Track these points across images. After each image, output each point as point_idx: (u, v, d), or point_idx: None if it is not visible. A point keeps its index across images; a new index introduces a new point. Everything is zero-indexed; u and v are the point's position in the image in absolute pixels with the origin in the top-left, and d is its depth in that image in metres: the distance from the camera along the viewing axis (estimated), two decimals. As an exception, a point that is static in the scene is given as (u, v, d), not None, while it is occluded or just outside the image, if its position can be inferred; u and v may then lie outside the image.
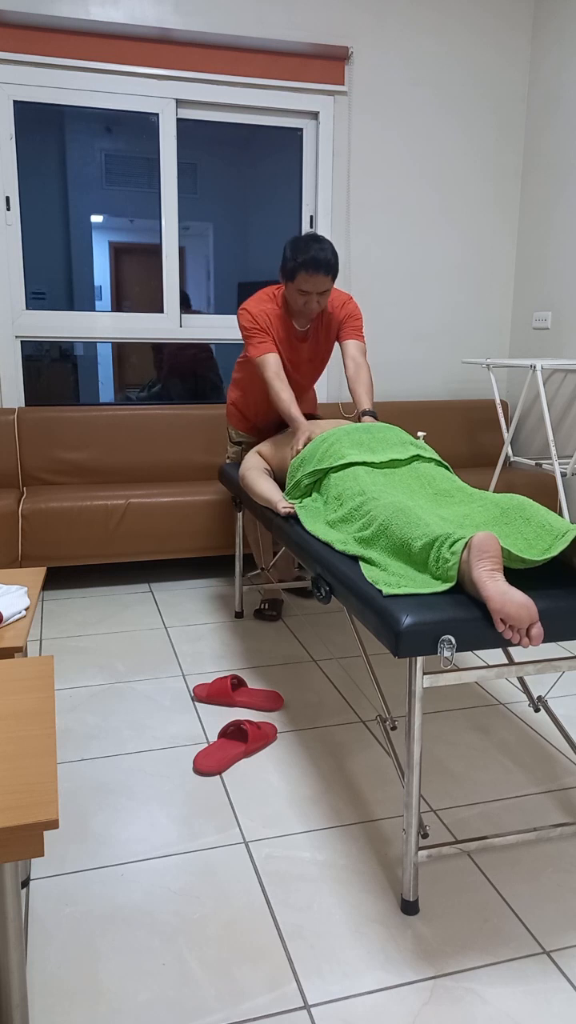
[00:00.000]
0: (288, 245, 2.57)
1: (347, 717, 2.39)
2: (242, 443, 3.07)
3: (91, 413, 3.75)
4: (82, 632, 3.03)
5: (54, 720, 1.22)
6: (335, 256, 2.56)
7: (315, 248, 2.51)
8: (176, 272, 3.89)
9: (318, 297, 2.60)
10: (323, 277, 2.54)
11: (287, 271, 2.58)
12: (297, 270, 2.54)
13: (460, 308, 4.30)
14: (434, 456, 2.25)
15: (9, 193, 3.60)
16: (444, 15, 3.92)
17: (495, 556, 1.49)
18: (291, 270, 2.56)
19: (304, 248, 2.52)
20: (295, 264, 2.53)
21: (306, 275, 2.53)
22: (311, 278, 2.54)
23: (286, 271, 2.58)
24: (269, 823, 1.87)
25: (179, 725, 2.33)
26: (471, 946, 1.50)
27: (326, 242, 2.55)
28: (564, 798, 1.98)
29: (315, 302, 2.62)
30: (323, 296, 2.61)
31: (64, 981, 1.42)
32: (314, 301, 2.61)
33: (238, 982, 1.42)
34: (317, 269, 2.52)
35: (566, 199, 3.88)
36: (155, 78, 3.64)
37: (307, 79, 3.79)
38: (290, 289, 2.62)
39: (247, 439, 3.05)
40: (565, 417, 3.95)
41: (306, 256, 2.51)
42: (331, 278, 2.57)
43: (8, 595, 1.72)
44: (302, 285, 2.56)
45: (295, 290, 2.60)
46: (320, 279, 2.54)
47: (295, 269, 2.54)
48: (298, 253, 2.53)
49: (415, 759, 1.52)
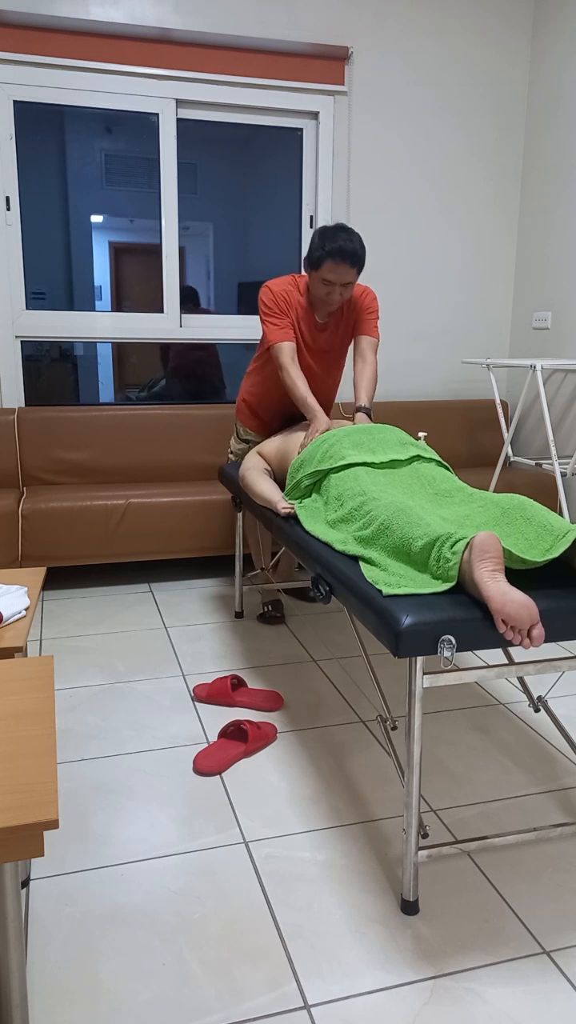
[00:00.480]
0: (316, 233, 2.56)
1: (347, 717, 2.39)
2: (249, 441, 3.05)
3: (91, 413, 3.75)
4: (82, 632, 3.03)
5: (54, 720, 1.22)
6: (363, 248, 2.55)
7: (343, 238, 2.50)
8: (176, 272, 3.89)
9: (341, 288, 2.59)
10: (349, 268, 2.53)
11: (313, 259, 2.56)
12: (324, 259, 2.52)
13: (460, 308, 4.30)
14: (434, 456, 2.25)
15: (9, 193, 3.60)
16: (444, 15, 3.92)
17: (496, 556, 1.49)
18: (317, 258, 2.54)
19: (332, 237, 2.51)
20: (322, 253, 2.52)
21: (332, 264, 2.52)
22: (336, 267, 2.52)
23: (312, 259, 2.57)
24: (269, 823, 1.87)
25: (179, 725, 2.33)
26: (471, 946, 1.50)
27: (355, 233, 2.54)
28: (564, 798, 1.98)
29: (338, 293, 2.60)
30: (347, 288, 2.59)
31: (64, 981, 1.42)
32: (337, 292, 2.59)
33: (238, 982, 1.42)
34: (344, 259, 2.50)
35: (566, 199, 3.88)
36: (155, 78, 3.64)
37: (307, 79, 3.79)
38: (314, 278, 2.60)
39: (255, 437, 3.03)
40: (565, 417, 3.95)
41: (334, 245, 2.50)
42: (356, 270, 2.56)
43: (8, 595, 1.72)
44: (327, 274, 2.54)
45: (319, 279, 2.58)
46: (345, 270, 2.53)
47: (322, 258, 2.53)
48: (326, 242, 2.51)
49: (415, 759, 1.52)
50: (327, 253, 2.51)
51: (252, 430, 3.03)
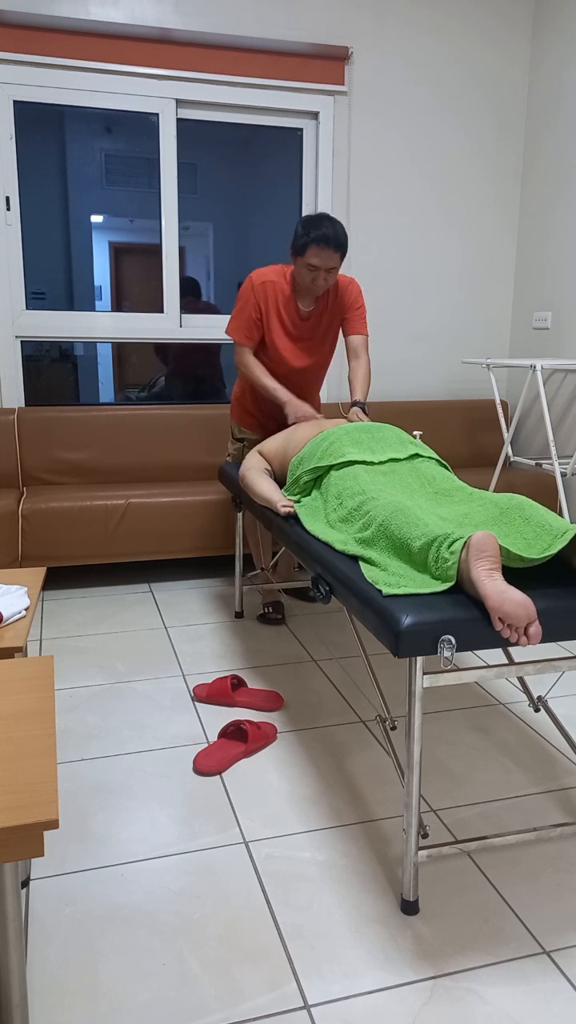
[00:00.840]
0: (300, 221, 2.64)
1: (347, 717, 2.39)
2: (244, 440, 3.07)
3: (91, 413, 3.75)
4: (82, 632, 3.03)
5: (54, 720, 1.22)
6: (344, 235, 2.62)
7: (326, 224, 2.59)
8: (176, 272, 3.89)
9: (325, 273, 2.65)
10: (332, 252, 2.60)
11: (298, 246, 2.63)
12: (308, 244, 2.59)
13: (460, 308, 4.30)
14: (433, 455, 2.25)
15: (9, 193, 3.60)
16: (444, 15, 3.92)
17: (493, 555, 1.49)
18: (302, 245, 2.61)
19: (316, 224, 2.59)
20: (307, 239, 2.59)
21: (316, 248, 2.59)
22: (321, 251, 2.59)
23: (297, 246, 2.64)
24: (269, 823, 1.87)
25: (179, 725, 2.33)
26: (471, 946, 1.50)
27: (337, 222, 2.62)
28: (564, 798, 1.98)
29: (322, 278, 2.66)
30: (331, 273, 2.66)
31: (64, 981, 1.42)
32: (321, 277, 2.66)
33: (238, 982, 1.42)
34: (327, 243, 2.58)
35: (566, 199, 3.88)
36: (155, 78, 3.64)
37: (307, 79, 3.79)
38: (299, 264, 2.67)
39: (249, 436, 3.05)
40: (565, 417, 3.95)
41: (317, 232, 2.57)
42: (340, 256, 2.63)
43: (8, 595, 1.72)
44: (311, 259, 2.61)
45: (304, 265, 2.64)
46: (329, 254, 2.59)
47: (306, 244, 2.60)
48: (310, 228, 2.59)
49: (415, 759, 1.52)
50: (311, 239, 2.59)
51: (246, 428, 3.04)
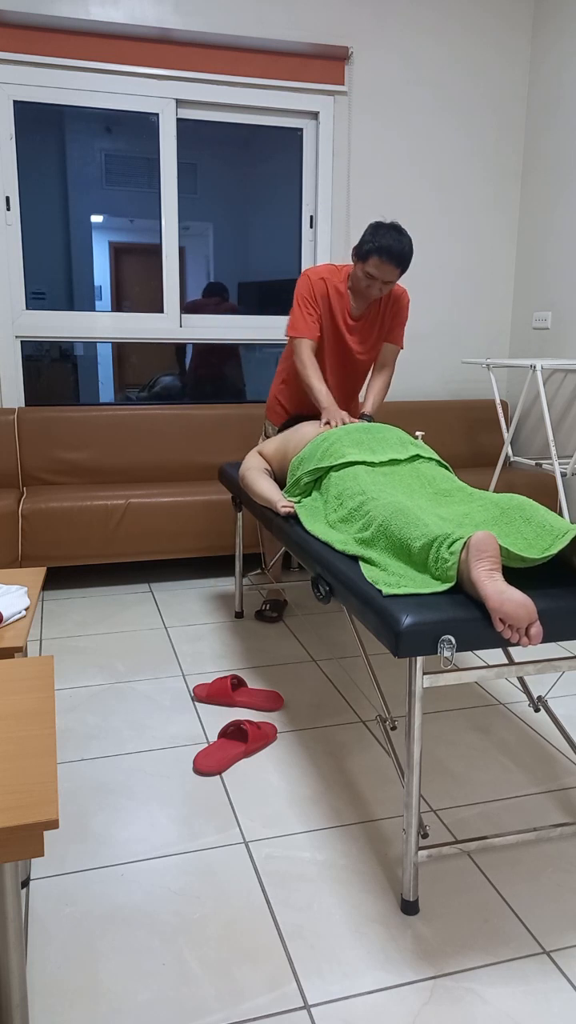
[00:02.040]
0: (370, 226, 2.62)
1: (347, 717, 2.39)
2: None
3: (91, 413, 3.75)
4: (82, 632, 3.03)
5: (54, 720, 1.22)
6: (410, 249, 2.60)
7: (394, 237, 2.56)
8: (176, 272, 3.89)
9: (382, 284, 2.64)
10: (394, 268, 2.58)
11: (362, 252, 2.61)
12: (371, 253, 2.58)
13: (460, 308, 4.30)
14: (433, 456, 2.25)
15: (9, 193, 3.60)
16: (444, 15, 3.92)
17: (493, 556, 1.49)
18: (366, 251, 2.59)
19: (383, 234, 2.57)
20: (372, 247, 2.57)
21: (378, 260, 2.57)
22: (382, 265, 2.58)
23: (361, 251, 2.62)
24: (269, 823, 1.87)
25: (179, 725, 2.33)
26: (471, 946, 1.50)
27: (406, 234, 2.59)
28: (564, 798, 1.98)
29: (378, 288, 2.65)
30: (387, 285, 2.65)
31: (64, 981, 1.42)
32: (377, 287, 2.65)
33: (238, 982, 1.42)
34: (391, 258, 2.56)
35: (566, 199, 3.88)
36: (155, 78, 3.64)
37: (307, 79, 3.79)
38: (358, 268, 2.66)
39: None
40: (565, 417, 3.95)
41: (383, 242, 2.55)
42: (401, 271, 2.61)
43: (8, 595, 1.72)
44: (371, 269, 2.60)
45: (363, 271, 2.63)
46: (390, 269, 2.58)
47: (370, 251, 2.58)
48: (377, 237, 2.57)
49: (415, 759, 1.52)
50: (375, 248, 2.57)
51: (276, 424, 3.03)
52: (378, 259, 2.57)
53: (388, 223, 2.60)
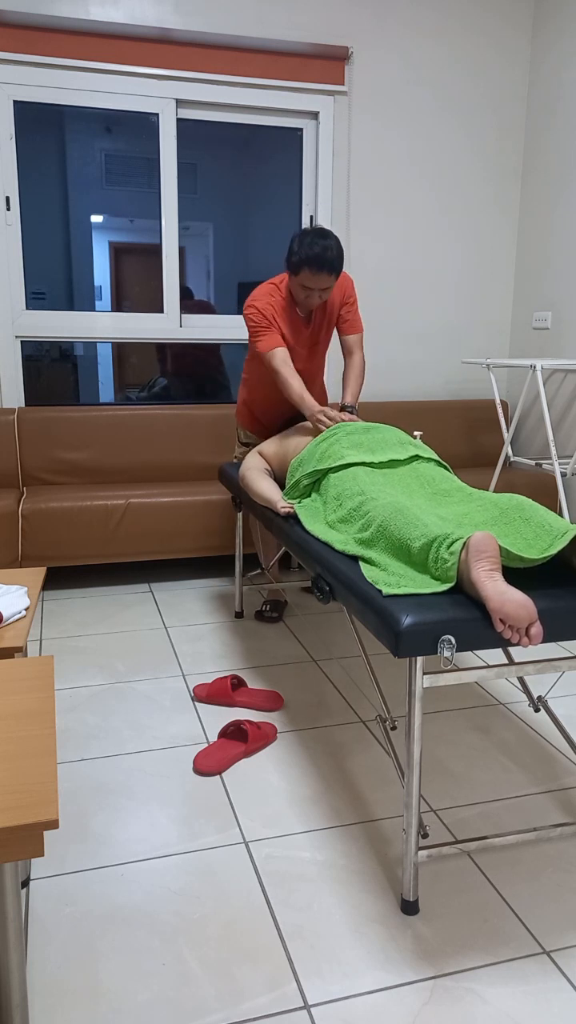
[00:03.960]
0: (295, 238, 2.58)
1: (347, 717, 2.39)
2: (250, 444, 3.06)
3: (91, 413, 3.75)
4: (82, 632, 3.03)
5: (54, 720, 1.22)
6: (340, 255, 2.56)
7: (320, 246, 2.52)
8: (176, 272, 3.89)
9: (320, 292, 2.63)
10: (327, 275, 2.56)
11: (292, 264, 2.59)
12: (301, 266, 2.55)
13: (460, 308, 4.30)
14: (433, 456, 2.25)
15: (9, 193, 3.60)
16: (444, 15, 3.92)
17: (493, 556, 1.49)
18: (296, 264, 2.57)
19: (309, 245, 2.53)
20: (300, 259, 2.55)
21: (309, 273, 2.55)
22: (314, 276, 2.56)
23: (291, 264, 2.60)
24: (269, 823, 1.87)
25: (179, 725, 2.33)
26: (471, 946, 1.50)
27: (332, 239, 2.55)
28: (564, 798, 1.98)
29: (317, 297, 2.64)
30: (325, 292, 2.63)
31: (64, 981, 1.42)
32: (316, 296, 2.64)
33: (238, 982, 1.42)
34: (320, 268, 2.53)
35: (566, 199, 3.88)
36: (155, 78, 3.64)
37: (307, 79, 3.78)
38: (293, 282, 2.64)
39: (256, 440, 3.04)
40: (565, 417, 3.95)
41: (311, 252, 2.52)
42: (334, 276, 2.58)
43: (8, 595, 1.72)
44: (305, 282, 2.58)
45: (298, 284, 2.62)
46: (323, 277, 2.56)
47: (299, 264, 2.55)
48: (303, 248, 2.54)
49: (415, 759, 1.52)
50: (304, 261, 2.53)
51: (253, 433, 3.04)
52: (309, 271, 2.54)
53: (312, 229, 2.56)
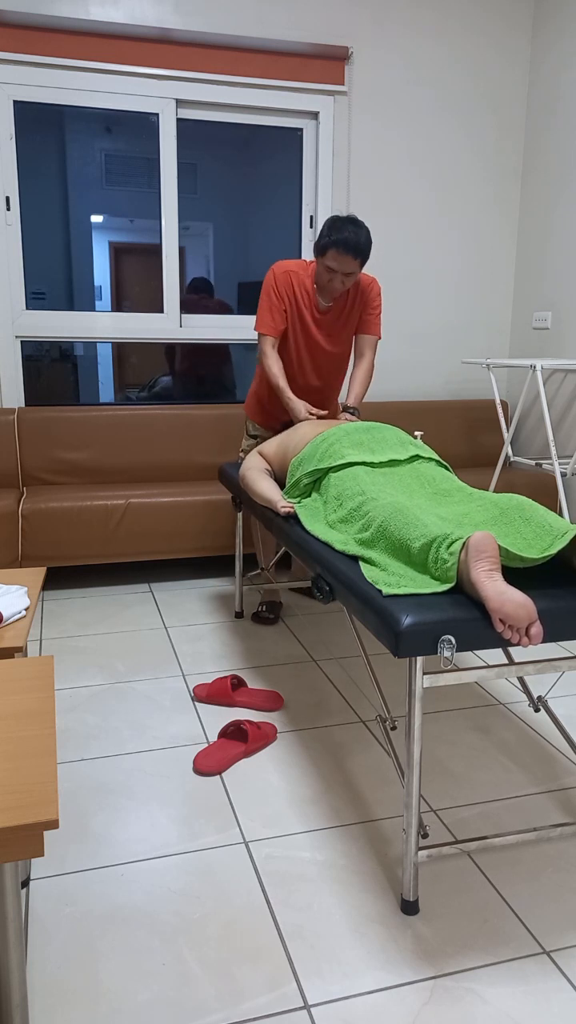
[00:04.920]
0: (326, 222, 2.64)
1: (347, 717, 2.39)
2: (258, 437, 3.07)
3: (91, 413, 3.75)
4: (82, 632, 3.03)
5: (54, 720, 1.22)
6: (368, 242, 2.61)
7: (350, 229, 2.58)
8: (176, 272, 3.89)
9: (343, 277, 2.65)
10: (352, 259, 2.59)
11: (320, 246, 2.64)
12: (328, 247, 2.60)
13: (460, 308, 4.30)
14: (433, 456, 2.25)
15: (9, 193, 3.60)
16: (444, 15, 3.92)
17: (492, 556, 1.49)
18: (323, 246, 2.62)
19: (340, 227, 2.58)
20: (328, 240, 2.60)
21: (336, 253, 2.59)
22: (340, 257, 2.59)
23: (319, 246, 2.64)
24: (269, 823, 1.87)
25: (179, 725, 2.33)
26: (471, 946, 1.50)
27: (363, 226, 2.61)
28: (564, 798, 1.98)
29: (340, 281, 2.66)
30: (349, 277, 2.66)
31: (64, 981, 1.42)
32: (339, 280, 2.66)
33: (238, 982, 1.42)
34: (347, 250, 2.57)
35: (566, 199, 3.88)
36: (155, 78, 3.64)
37: (307, 79, 3.78)
38: (319, 264, 2.68)
39: (264, 433, 3.05)
40: (565, 417, 3.95)
41: (340, 235, 2.57)
42: (360, 262, 2.62)
43: (8, 595, 1.72)
44: (330, 262, 2.62)
45: (323, 265, 2.65)
46: (349, 260, 2.59)
47: (327, 245, 2.60)
48: (333, 231, 2.59)
49: (415, 759, 1.52)
50: (333, 242, 2.59)
51: (260, 424, 3.03)
52: (336, 251, 2.58)
53: (345, 216, 2.62)
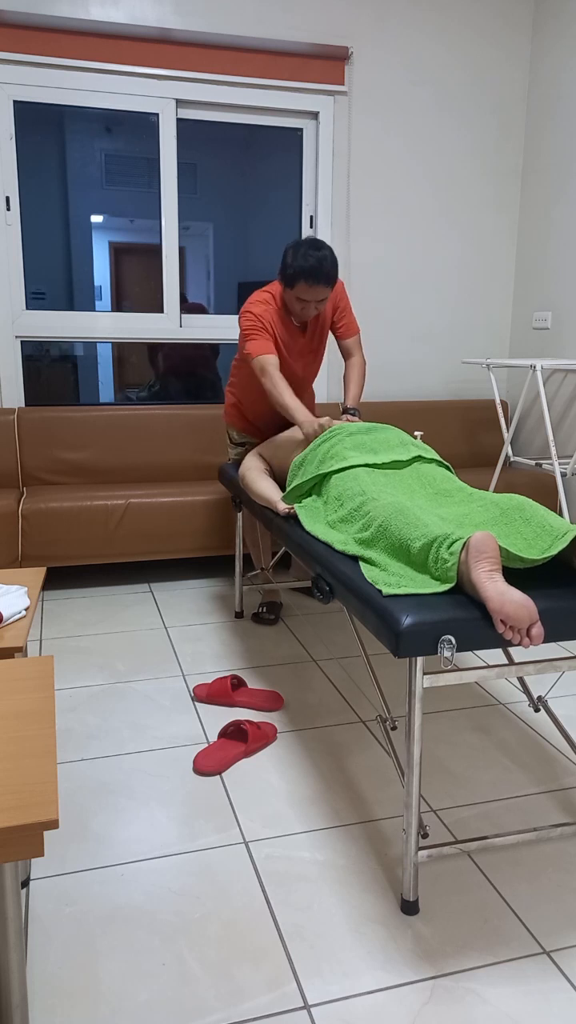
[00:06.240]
0: (288, 250, 2.56)
1: (347, 717, 2.39)
2: (244, 444, 3.06)
3: (91, 413, 3.75)
4: (82, 632, 3.03)
5: (54, 720, 1.22)
6: (334, 265, 2.55)
7: (315, 257, 2.50)
8: (176, 272, 3.89)
9: (316, 304, 2.61)
10: (323, 288, 2.54)
11: (287, 277, 2.57)
12: (296, 279, 2.53)
13: (460, 308, 4.30)
14: (434, 456, 2.25)
15: (9, 193, 3.60)
16: (444, 15, 3.92)
17: (493, 556, 1.49)
18: (291, 277, 2.54)
19: (304, 256, 2.50)
20: (295, 271, 2.52)
21: (306, 285, 2.53)
22: (311, 289, 2.54)
23: (286, 277, 2.57)
24: (269, 823, 1.87)
25: (179, 725, 2.33)
26: (471, 946, 1.50)
27: (326, 249, 2.53)
28: (564, 798, 1.98)
29: (313, 308, 2.63)
30: (321, 303, 2.62)
31: (64, 981, 1.42)
32: (312, 308, 2.63)
33: (238, 982, 1.42)
34: (317, 281, 2.52)
35: (566, 199, 3.88)
36: (155, 78, 3.64)
37: (307, 79, 3.78)
38: (289, 294, 2.62)
39: (249, 440, 3.04)
40: (565, 417, 3.95)
41: (305, 265, 2.50)
42: (330, 288, 2.57)
43: (8, 595, 1.72)
44: (301, 294, 2.57)
45: (293, 296, 2.60)
46: (320, 290, 2.55)
47: (295, 277, 2.53)
48: (297, 259, 2.51)
49: (415, 759, 1.52)
50: (299, 274, 2.51)
51: (244, 432, 3.03)
52: (304, 284, 2.52)
53: (306, 240, 2.55)
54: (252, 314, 2.69)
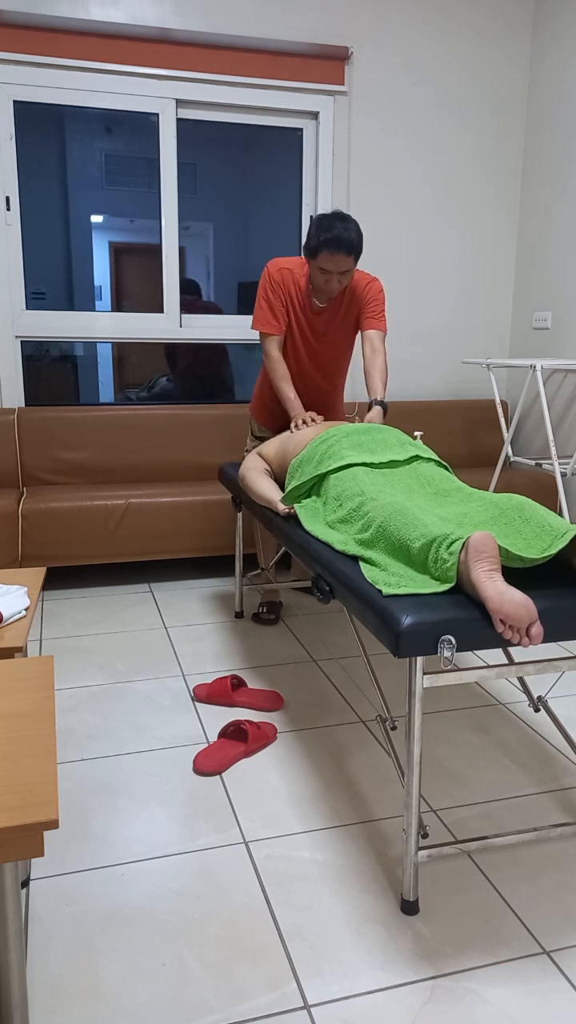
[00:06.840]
0: (313, 222, 2.55)
1: (347, 717, 2.39)
2: (263, 437, 3.04)
3: (91, 413, 3.75)
4: (82, 632, 3.03)
5: (54, 720, 1.22)
6: (359, 236, 2.53)
7: (339, 227, 2.49)
8: (176, 272, 3.89)
9: (339, 276, 2.58)
10: (345, 257, 2.51)
11: (310, 248, 2.55)
12: (319, 248, 2.51)
13: (460, 308, 4.30)
14: (433, 456, 2.25)
15: (9, 193, 3.60)
16: (444, 15, 3.92)
17: (492, 556, 1.49)
18: (314, 247, 2.53)
19: (328, 226, 2.49)
20: (318, 242, 2.51)
21: (328, 254, 2.51)
22: (332, 257, 2.51)
23: (309, 248, 2.56)
24: (269, 823, 1.87)
25: (179, 725, 2.33)
26: (471, 946, 1.50)
27: (351, 221, 2.52)
28: (564, 798, 1.98)
29: (336, 281, 2.59)
30: (344, 276, 2.59)
31: (64, 981, 1.42)
32: (335, 280, 2.59)
33: (238, 982, 1.42)
34: (339, 248, 2.49)
35: (566, 199, 3.88)
36: (155, 78, 3.64)
37: (307, 79, 3.79)
38: (312, 266, 2.60)
39: (269, 434, 3.03)
40: (565, 417, 3.95)
41: (329, 235, 2.48)
42: (353, 258, 2.54)
43: (8, 595, 1.72)
44: (323, 264, 2.54)
45: (316, 268, 2.57)
46: (342, 259, 2.52)
47: (317, 247, 2.52)
48: (322, 231, 2.50)
49: (415, 759, 1.52)
50: (323, 243, 2.50)
51: (263, 425, 3.02)
52: (328, 252, 2.50)
53: (330, 213, 2.54)
54: (269, 274, 2.69)
